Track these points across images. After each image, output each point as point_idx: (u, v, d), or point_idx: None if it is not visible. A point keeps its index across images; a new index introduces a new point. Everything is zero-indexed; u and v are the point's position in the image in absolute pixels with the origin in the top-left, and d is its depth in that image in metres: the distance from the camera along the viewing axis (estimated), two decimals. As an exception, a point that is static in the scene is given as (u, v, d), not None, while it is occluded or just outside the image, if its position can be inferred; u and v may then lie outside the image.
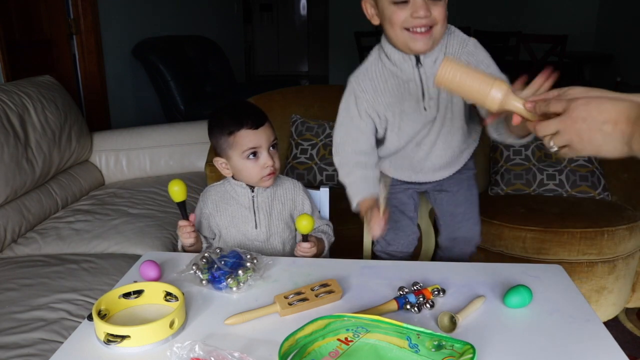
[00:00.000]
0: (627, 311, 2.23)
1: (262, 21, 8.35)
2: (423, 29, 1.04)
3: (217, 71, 4.16)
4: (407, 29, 1.05)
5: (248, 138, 1.26)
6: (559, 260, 1.93)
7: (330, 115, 2.42)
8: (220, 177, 1.45)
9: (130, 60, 3.50)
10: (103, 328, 0.90)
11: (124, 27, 3.41)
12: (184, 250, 1.33)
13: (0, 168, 1.81)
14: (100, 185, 2.46)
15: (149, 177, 2.54)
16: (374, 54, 1.23)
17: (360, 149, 1.29)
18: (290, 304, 1.00)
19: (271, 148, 1.29)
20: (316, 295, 1.03)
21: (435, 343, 0.82)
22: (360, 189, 1.26)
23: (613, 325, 2.12)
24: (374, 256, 1.49)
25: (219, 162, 1.33)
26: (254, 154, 1.27)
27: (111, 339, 0.90)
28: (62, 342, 1.29)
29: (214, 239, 1.40)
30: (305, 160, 2.25)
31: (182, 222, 1.26)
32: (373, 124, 1.27)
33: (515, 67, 4.52)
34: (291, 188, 1.39)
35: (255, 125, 1.26)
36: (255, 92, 2.49)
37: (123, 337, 0.89)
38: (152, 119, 3.61)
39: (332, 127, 2.37)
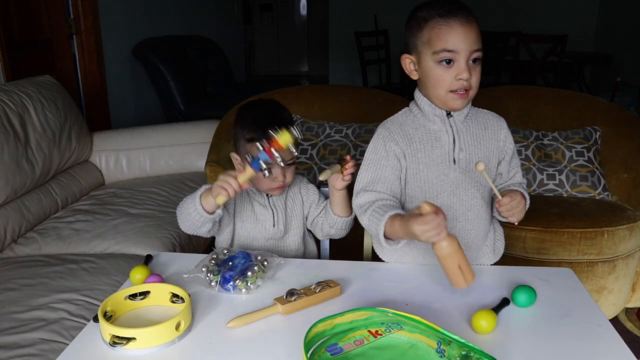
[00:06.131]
0: (627, 311, 2.23)
1: (262, 21, 8.35)
2: (463, 91, 1.12)
3: (217, 71, 4.16)
4: (452, 91, 1.13)
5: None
6: (559, 260, 1.93)
7: (330, 115, 2.43)
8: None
9: (130, 60, 3.50)
10: (109, 330, 0.89)
11: (124, 27, 3.41)
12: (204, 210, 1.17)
13: (0, 168, 1.81)
14: (100, 185, 2.46)
15: (149, 177, 2.54)
16: (403, 110, 1.25)
17: (391, 189, 1.19)
18: (289, 301, 1.00)
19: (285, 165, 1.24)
20: (316, 291, 1.03)
21: (463, 353, 0.82)
22: (384, 211, 1.12)
23: (613, 325, 2.12)
24: (375, 258, 1.49)
25: (234, 157, 1.30)
26: None
27: (117, 340, 0.89)
28: (62, 342, 1.30)
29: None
30: (305, 160, 2.25)
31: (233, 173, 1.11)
32: (399, 167, 1.20)
33: (515, 67, 4.52)
34: (297, 182, 1.39)
35: None
36: (255, 92, 2.49)
37: (129, 339, 0.89)
38: (152, 119, 3.61)
39: (332, 127, 2.37)
